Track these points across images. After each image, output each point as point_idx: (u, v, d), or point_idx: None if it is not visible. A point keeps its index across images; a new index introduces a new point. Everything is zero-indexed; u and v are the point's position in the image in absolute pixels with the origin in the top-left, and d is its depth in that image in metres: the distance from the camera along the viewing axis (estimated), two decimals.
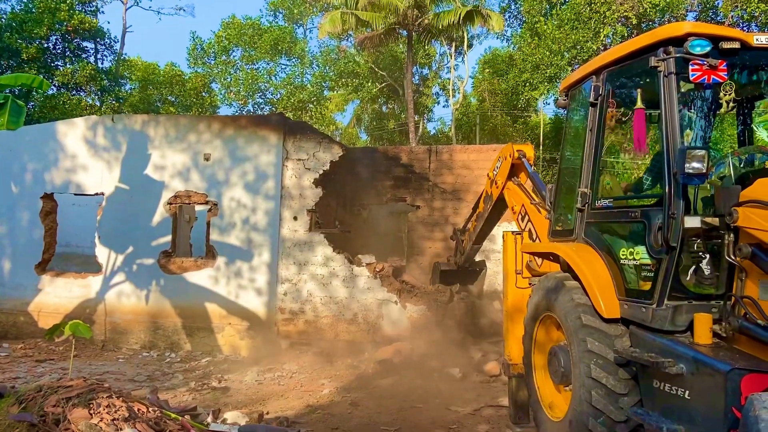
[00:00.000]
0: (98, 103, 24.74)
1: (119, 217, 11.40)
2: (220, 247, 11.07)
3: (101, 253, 11.47)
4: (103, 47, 27.40)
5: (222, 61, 30.33)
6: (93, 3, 26.00)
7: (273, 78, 30.47)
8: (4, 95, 8.59)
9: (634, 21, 17.82)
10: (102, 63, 27.34)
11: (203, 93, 28.27)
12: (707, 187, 4.35)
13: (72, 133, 11.76)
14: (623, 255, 4.54)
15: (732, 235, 3.84)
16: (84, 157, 11.68)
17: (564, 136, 5.79)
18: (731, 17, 16.96)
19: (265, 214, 11.04)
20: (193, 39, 31.11)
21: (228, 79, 30.07)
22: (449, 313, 10.17)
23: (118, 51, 28.66)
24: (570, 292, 4.84)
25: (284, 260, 10.95)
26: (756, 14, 16.25)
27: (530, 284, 6.00)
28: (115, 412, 4.59)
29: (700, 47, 3.94)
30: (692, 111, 4.77)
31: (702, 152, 3.75)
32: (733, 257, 3.83)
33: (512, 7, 25.80)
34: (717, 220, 3.94)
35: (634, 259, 4.42)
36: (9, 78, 9.76)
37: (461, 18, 21.72)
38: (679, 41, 4.04)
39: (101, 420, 4.48)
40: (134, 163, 11.45)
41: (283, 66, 31.95)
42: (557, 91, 6.32)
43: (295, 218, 10.99)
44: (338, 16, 22.21)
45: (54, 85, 23.10)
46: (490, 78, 27.87)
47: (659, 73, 4.14)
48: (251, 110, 30.08)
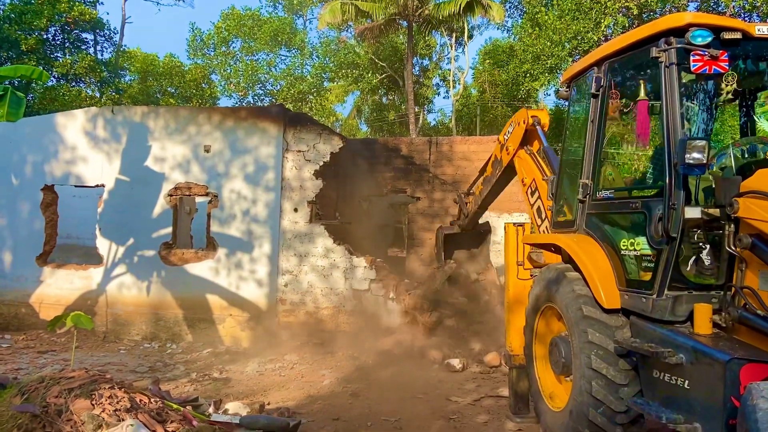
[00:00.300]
0: (98, 95, 24.69)
1: (120, 209, 11.39)
2: (221, 239, 11.08)
3: (102, 245, 11.48)
4: (103, 39, 27.35)
5: (222, 53, 30.20)
6: None
7: (273, 69, 30.37)
8: (4, 87, 8.55)
9: (636, 11, 17.73)
10: (101, 54, 27.29)
11: (203, 84, 28.18)
12: (708, 178, 4.36)
13: (72, 125, 11.74)
14: (624, 246, 4.55)
15: (732, 226, 3.85)
16: (84, 149, 11.67)
17: (565, 128, 5.80)
18: (732, 7, 16.85)
19: (266, 206, 11.04)
20: (193, 30, 31.00)
21: (228, 71, 29.95)
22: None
23: (118, 42, 28.59)
24: (571, 284, 4.86)
25: (285, 252, 10.96)
26: (758, 4, 16.15)
27: (531, 276, 6.03)
28: (117, 403, 4.62)
29: (702, 38, 3.93)
30: (693, 102, 4.77)
31: (702, 143, 3.75)
32: (734, 248, 3.84)
33: None
34: (717, 211, 3.95)
35: (635, 250, 4.43)
36: (8, 69, 9.71)
37: (462, 8, 21.63)
38: (681, 32, 4.03)
39: (103, 411, 4.51)
40: (134, 155, 11.44)
41: (283, 57, 31.86)
42: (558, 82, 6.29)
43: (296, 210, 11.00)
44: (338, 7, 22.12)
45: (53, 77, 23.02)
46: (491, 69, 27.78)
47: (660, 64, 4.14)
48: (251, 102, 30.01)
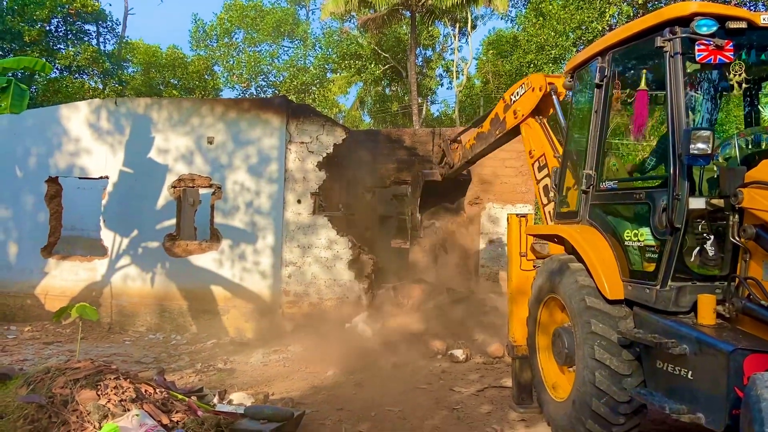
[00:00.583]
0: (101, 87, 24.69)
1: (124, 201, 11.41)
2: (225, 231, 11.10)
3: (106, 237, 11.50)
4: (105, 30, 27.34)
5: (224, 44, 30.15)
6: None
7: (276, 60, 30.32)
8: (7, 78, 8.53)
9: (640, 0, 17.62)
10: (104, 46, 27.29)
11: (206, 76, 28.14)
12: (712, 169, 4.34)
13: (75, 117, 11.74)
14: (627, 236, 4.55)
15: (737, 216, 3.84)
16: (88, 141, 11.67)
17: (569, 118, 5.77)
18: None
19: (269, 198, 11.05)
20: (195, 21, 30.96)
21: (230, 62, 29.91)
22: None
23: (120, 34, 28.55)
24: (574, 274, 4.86)
25: (288, 243, 10.98)
26: None
27: (534, 266, 6.03)
28: (123, 393, 4.65)
29: (707, 27, 3.91)
30: (698, 92, 4.75)
31: (707, 133, 3.74)
32: (738, 238, 3.83)
33: None
34: (722, 202, 3.94)
35: (639, 241, 4.42)
36: (12, 61, 9.68)
37: None
38: (685, 21, 4.01)
39: (109, 401, 4.54)
40: (138, 147, 11.44)
41: (286, 48, 31.80)
42: (562, 73, 6.24)
43: (299, 201, 11.00)
44: None
45: (56, 68, 23.02)
46: (494, 59, 27.58)
47: (665, 54, 4.12)
48: (254, 93, 29.97)
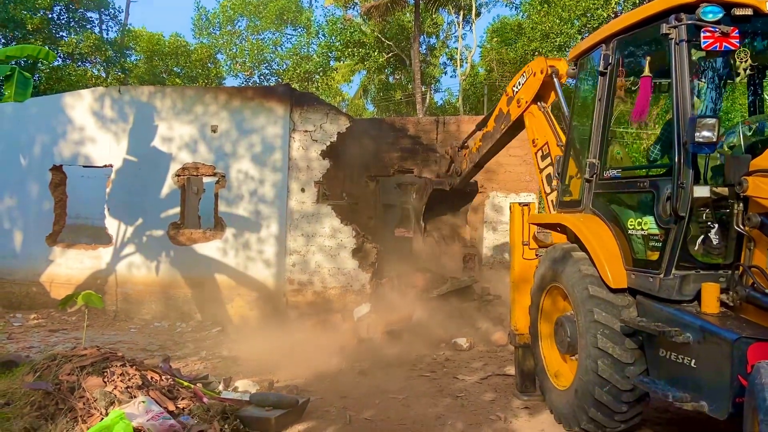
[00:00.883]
0: (104, 75, 24.65)
1: (128, 189, 11.43)
2: (229, 219, 11.12)
3: (111, 225, 11.54)
4: (108, 18, 27.24)
5: (227, 32, 30.05)
6: None
7: (279, 48, 30.20)
8: (11, 67, 8.55)
9: None
10: (107, 34, 27.20)
11: (209, 64, 28.07)
12: (717, 157, 4.33)
13: (79, 105, 11.74)
14: (631, 225, 4.54)
15: (741, 205, 3.83)
16: (92, 129, 11.68)
17: (572, 106, 5.75)
18: None
19: (273, 186, 11.05)
20: (198, 9, 30.84)
21: (233, 50, 29.81)
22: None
23: (123, 21, 28.46)
24: (577, 263, 4.86)
25: (292, 232, 10.99)
26: None
27: (537, 255, 6.03)
28: (129, 380, 4.69)
29: (713, 14, 3.88)
30: (703, 80, 4.72)
31: (712, 121, 3.72)
32: (742, 227, 3.82)
33: None
34: (726, 190, 3.93)
35: (642, 230, 4.42)
36: (15, 49, 9.67)
37: None
38: (691, 8, 3.98)
39: (115, 388, 4.58)
40: (142, 135, 11.44)
41: (289, 36, 31.65)
42: (567, 61, 6.20)
43: (303, 190, 11.01)
44: None
45: (59, 57, 22.98)
46: (499, 47, 27.42)
47: (670, 41, 4.09)
48: (257, 81, 29.89)
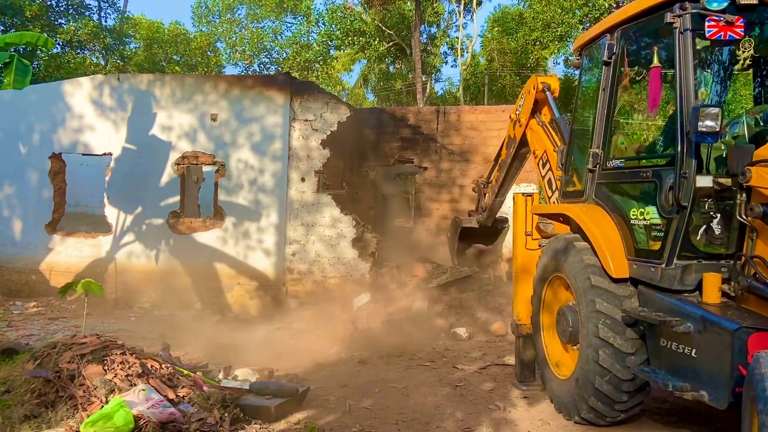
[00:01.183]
0: (103, 62, 24.54)
1: (127, 178, 11.40)
2: (229, 208, 11.10)
3: (111, 213, 11.52)
4: (107, 5, 27.11)
5: (227, 20, 29.89)
6: None
7: (278, 37, 30.06)
8: (10, 54, 8.47)
9: None
10: (105, 21, 27.07)
11: (208, 52, 27.95)
12: (719, 147, 4.31)
13: (78, 93, 11.69)
14: (633, 215, 4.53)
15: (744, 195, 3.82)
16: (91, 117, 11.64)
17: (576, 97, 5.73)
18: None
19: (273, 176, 11.03)
20: None
21: (233, 38, 29.67)
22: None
23: (122, 8, 28.30)
24: (579, 253, 4.85)
25: (292, 221, 10.98)
26: None
27: (540, 246, 6.02)
28: (129, 368, 4.69)
29: (717, 3, 3.85)
30: (707, 69, 4.70)
31: (715, 110, 3.70)
32: (745, 217, 3.81)
33: None
34: (729, 180, 3.91)
35: (645, 219, 4.41)
36: (14, 36, 9.60)
37: None
38: None
39: (115, 376, 4.58)
40: (141, 124, 11.40)
41: (289, 24, 31.48)
42: (568, 50, 6.18)
43: (303, 180, 10.98)
44: None
45: (58, 44, 22.87)
46: (500, 37, 27.32)
47: (674, 30, 4.06)
48: (257, 70, 29.77)
